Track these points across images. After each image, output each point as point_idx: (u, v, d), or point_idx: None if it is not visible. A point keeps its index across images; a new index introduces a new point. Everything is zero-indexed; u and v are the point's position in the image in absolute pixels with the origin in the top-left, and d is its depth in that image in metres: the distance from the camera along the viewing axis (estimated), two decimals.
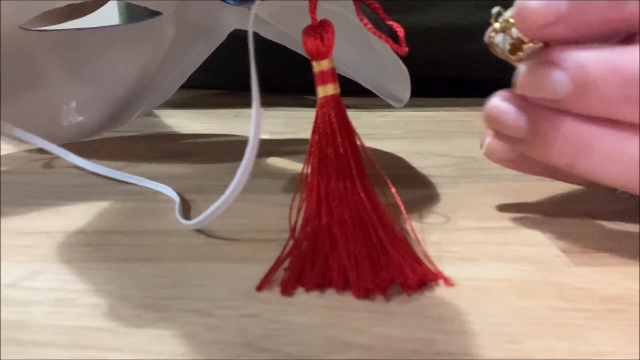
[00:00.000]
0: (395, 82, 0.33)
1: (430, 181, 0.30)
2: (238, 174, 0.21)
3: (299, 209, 0.22)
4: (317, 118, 0.22)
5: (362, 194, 0.22)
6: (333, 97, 0.22)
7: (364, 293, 0.19)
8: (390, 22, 0.23)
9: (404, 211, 0.23)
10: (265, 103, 0.58)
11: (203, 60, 0.39)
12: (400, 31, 0.23)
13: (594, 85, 0.19)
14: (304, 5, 0.23)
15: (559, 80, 0.20)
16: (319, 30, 0.22)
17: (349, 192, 0.21)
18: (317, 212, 0.21)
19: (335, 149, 0.22)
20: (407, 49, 0.23)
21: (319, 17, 0.22)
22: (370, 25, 0.23)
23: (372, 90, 0.35)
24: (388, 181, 0.23)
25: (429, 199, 0.27)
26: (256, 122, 0.20)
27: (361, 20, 0.23)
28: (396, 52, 0.24)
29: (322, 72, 0.22)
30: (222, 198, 0.21)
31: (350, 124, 0.22)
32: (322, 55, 0.22)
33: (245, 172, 0.20)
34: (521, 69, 0.21)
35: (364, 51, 0.31)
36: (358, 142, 0.22)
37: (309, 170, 0.22)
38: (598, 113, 0.20)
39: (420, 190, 0.29)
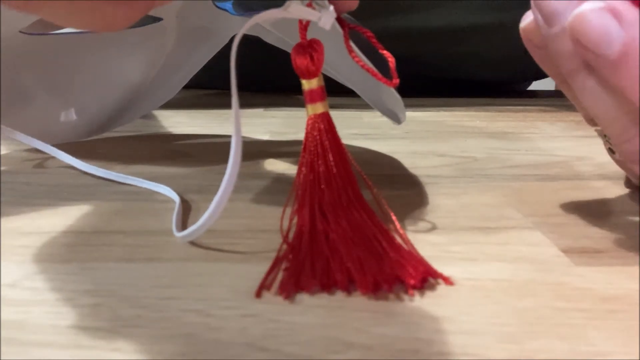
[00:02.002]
0: (393, 104, 0.33)
1: (430, 181, 0.30)
2: (222, 186, 0.20)
3: (291, 219, 0.22)
4: (306, 137, 0.22)
5: (358, 206, 0.22)
6: (322, 116, 0.22)
7: (372, 287, 0.19)
8: (382, 52, 0.23)
9: (395, 220, 0.23)
10: (266, 103, 0.58)
11: (204, 63, 0.39)
12: (392, 61, 0.22)
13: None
14: None
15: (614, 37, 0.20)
16: (309, 49, 0.22)
17: (344, 204, 0.21)
18: (312, 221, 0.21)
19: (327, 167, 0.22)
20: (398, 81, 0.22)
21: (316, 32, 0.22)
22: (358, 58, 0.23)
23: (373, 106, 0.35)
24: (384, 202, 0.23)
25: (428, 199, 0.27)
26: (235, 151, 0.20)
27: (350, 52, 0.23)
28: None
29: (311, 91, 0.22)
30: (210, 208, 0.21)
31: (340, 142, 0.22)
32: (311, 74, 0.22)
33: (230, 183, 0.20)
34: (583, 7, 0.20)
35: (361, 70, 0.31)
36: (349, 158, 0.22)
37: (300, 188, 0.22)
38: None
39: (420, 190, 0.29)
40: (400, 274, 0.19)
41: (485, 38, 0.54)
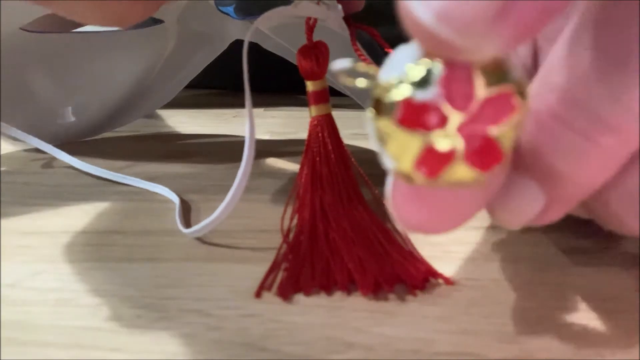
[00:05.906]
0: None
1: None
2: (237, 180, 0.20)
3: (292, 219, 0.22)
4: (309, 138, 0.22)
5: (359, 207, 0.22)
6: (326, 117, 0.22)
7: (373, 287, 0.19)
8: (388, 50, 0.23)
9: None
10: (265, 103, 0.58)
11: (203, 67, 0.39)
12: None
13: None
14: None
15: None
16: (314, 51, 0.22)
17: (345, 205, 0.21)
18: (312, 221, 0.21)
19: (329, 168, 0.22)
20: None
21: (320, 36, 0.22)
22: (364, 57, 0.23)
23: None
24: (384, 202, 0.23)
25: None
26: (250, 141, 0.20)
27: (355, 50, 0.23)
28: None
29: (315, 92, 0.22)
30: (223, 204, 0.21)
31: (342, 144, 0.22)
32: (316, 76, 0.22)
33: (245, 177, 0.20)
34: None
35: None
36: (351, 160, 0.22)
37: (301, 188, 0.22)
38: None
39: None
40: (401, 274, 0.19)
41: None
